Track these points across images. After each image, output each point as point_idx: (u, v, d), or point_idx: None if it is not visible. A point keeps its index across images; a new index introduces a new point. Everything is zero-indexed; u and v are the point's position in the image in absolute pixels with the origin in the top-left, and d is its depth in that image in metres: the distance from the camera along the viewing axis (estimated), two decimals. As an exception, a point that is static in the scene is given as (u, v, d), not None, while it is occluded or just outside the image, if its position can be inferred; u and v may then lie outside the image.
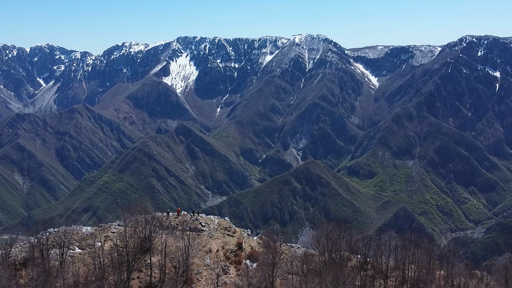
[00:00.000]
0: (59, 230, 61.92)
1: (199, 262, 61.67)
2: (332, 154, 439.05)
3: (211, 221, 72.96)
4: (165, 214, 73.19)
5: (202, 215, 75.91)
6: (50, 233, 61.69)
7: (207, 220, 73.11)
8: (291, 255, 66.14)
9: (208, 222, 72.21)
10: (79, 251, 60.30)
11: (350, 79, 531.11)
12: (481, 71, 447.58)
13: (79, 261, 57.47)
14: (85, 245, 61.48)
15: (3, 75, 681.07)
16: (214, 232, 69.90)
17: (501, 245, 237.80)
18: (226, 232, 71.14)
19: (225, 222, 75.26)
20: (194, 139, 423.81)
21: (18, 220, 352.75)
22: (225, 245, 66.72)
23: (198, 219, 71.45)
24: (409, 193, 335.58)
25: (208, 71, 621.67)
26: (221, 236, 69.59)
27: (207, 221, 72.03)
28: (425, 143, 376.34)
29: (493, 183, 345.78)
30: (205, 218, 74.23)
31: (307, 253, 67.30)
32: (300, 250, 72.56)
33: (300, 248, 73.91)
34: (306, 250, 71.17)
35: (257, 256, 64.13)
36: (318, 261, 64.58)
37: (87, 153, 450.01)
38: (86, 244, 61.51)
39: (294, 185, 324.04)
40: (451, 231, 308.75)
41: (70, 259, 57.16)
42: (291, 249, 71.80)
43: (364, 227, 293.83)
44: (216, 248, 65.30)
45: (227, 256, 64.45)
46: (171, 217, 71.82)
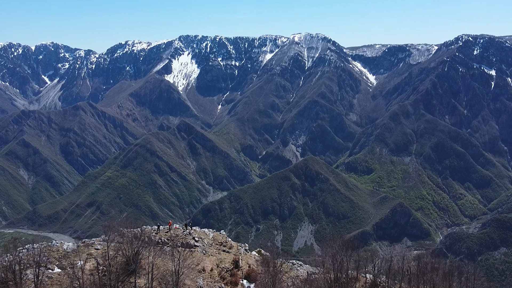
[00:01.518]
0: (37, 247, 53.98)
1: (191, 283, 54.91)
2: (331, 150, 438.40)
3: (205, 236, 66.25)
4: (155, 227, 66.51)
5: (196, 229, 68.99)
6: (28, 250, 54.50)
7: (201, 234, 66.35)
8: (293, 275, 61.16)
9: (202, 236, 65.34)
10: (58, 271, 51.88)
11: (349, 77, 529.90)
12: (477, 69, 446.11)
13: (57, 283, 49.96)
14: (66, 264, 52.73)
15: (8, 73, 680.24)
16: (209, 248, 63.16)
17: (496, 240, 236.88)
18: (222, 247, 64.61)
19: (220, 236, 68.51)
20: (195, 135, 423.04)
21: (23, 215, 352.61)
22: (220, 263, 60.00)
23: (191, 233, 64.99)
24: (406, 189, 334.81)
25: (209, 69, 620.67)
26: (216, 252, 62.85)
27: (201, 236, 65.25)
28: (422, 140, 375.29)
29: (488, 179, 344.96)
30: (198, 232, 67.46)
31: (310, 272, 62.25)
32: (302, 268, 66.00)
33: (302, 266, 67.31)
34: (308, 269, 65.34)
35: (255, 276, 57.86)
36: (323, 281, 58.27)
37: (91, 149, 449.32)
38: (67, 263, 52.87)
39: (294, 181, 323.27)
40: (447, 226, 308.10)
41: (47, 280, 49.52)
42: (292, 267, 65.28)
43: (361, 222, 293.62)
44: (210, 266, 58.51)
45: (222, 276, 57.75)
46: (161, 231, 65.30)
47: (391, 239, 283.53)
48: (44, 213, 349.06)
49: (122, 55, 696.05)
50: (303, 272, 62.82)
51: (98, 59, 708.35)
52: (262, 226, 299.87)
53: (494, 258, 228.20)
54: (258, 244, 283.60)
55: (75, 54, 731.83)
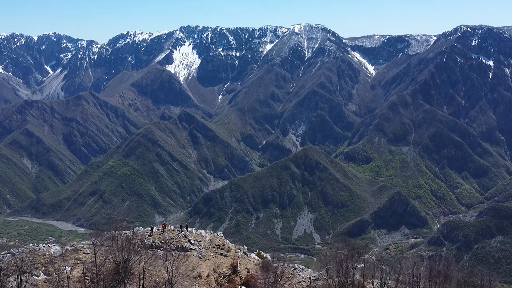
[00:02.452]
0: (22, 252, 49.74)
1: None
2: (330, 140, 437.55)
3: (201, 238, 61.18)
4: (149, 229, 61.72)
5: (192, 230, 64.16)
6: (12, 254, 49.91)
7: (197, 236, 61.35)
8: (295, 281, 56.93)
9: (198, 238, 60.32)
10: (44, 278, 46.68)
11: (348, 68, 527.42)
12: (475, 60, 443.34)
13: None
14: (52, 270, 47.57)
15: (11, 63, 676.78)
16: (205, 251, 58.12)
17: (492, 228, 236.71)
18: (219, 250, 59.54)
19: (218, 238, 63.24)
20: (196, 125, 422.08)
21: (27, 203, 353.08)
22: (217, 267, 55.49)
23: (187, 235, 60.26)
24: (404, 178, 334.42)
25: (210, 60, 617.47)
26: (213, 256, 57.95)
27: (197, 238, 60.30)
28: (420, 130, 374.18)
29: (485, 169, 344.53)
30: (194, 234, 62.52)
31: (313, 278, 58.78)
32: (304, 273, 61.15)
33: (303, 270, 62.28)
34: (311, 274, 61.19)
35: (255, 282, 53.40)
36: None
37: (93, 138, 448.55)
38: (54, 269, 47.66)
39: (293, 170, 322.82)
40: (444, 215, 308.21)
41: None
42: (293, 272, 60.31)
43: (360, 211, 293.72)
44: (206, 272, 53.87)
45: (219, 283, 53.47)
46: (155, 233, 60.49)
47: (389, 227, 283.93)
48: (47, 201, 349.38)
49: (124, 45, 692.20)
50: (305, 278, 59.07)
51: (100, 49, 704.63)
52: (262, 214, 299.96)
53: (490, 246, 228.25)
54: (259, 232, 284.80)
55: (77, 45, 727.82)
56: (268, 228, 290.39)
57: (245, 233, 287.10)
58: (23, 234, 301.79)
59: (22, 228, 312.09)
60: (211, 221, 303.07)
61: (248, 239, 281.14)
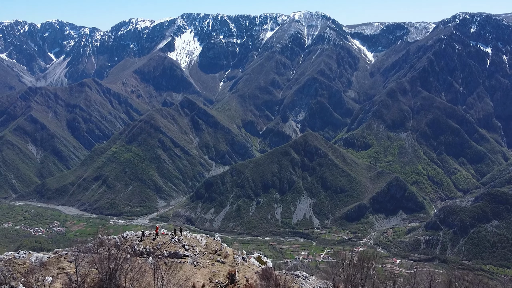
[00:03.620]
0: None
1: None
2: (329, 126, 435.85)
3: (197, 243, 55.41)
4: (140, 233, 55.39)
5: (186, 234, 58.14)
6: None
7: (192, 241, 55.70)
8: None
9: (193, 244, 54.58)
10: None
11: (347, 55, 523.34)
12: (473, 47, 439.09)
13: None
14: (33, 280, 42.32)
15: (15, 50, 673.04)
16: (201, 257, 52.31)
17: (488, 213, 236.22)
18: (216, 256, 53.62)
19: (214, 243, 57.22)
20: (198, 111, 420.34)
21: (32, 188, 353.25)
22: (213, 276, 49.67)
23: (181, 240, 54.49)
24: (401, 164, 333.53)
25: (211, 47, 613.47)
26: (209, 263, 52.15)
27: (192, 243, 54.63)
28: (418, 117, 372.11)
29: (481, 155, 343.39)
30: (189, 238, 56.66)
31: None
32: (308, 282, 55.39)
33: (307, 279, 56.38)
34: (315, 283, 55.04)
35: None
36: None
37: (97, 125, 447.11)
38: (34, 279, 42.28)
39: (293, 156, 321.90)
40: (441, 200, 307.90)
41: None
42: (296, 281, 54.86)
43: (359, 196, 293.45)
44: (201, 282, 48.16)
45: None
46: (147, 238, 54.13)
47: (387, 212, 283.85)
48: (52, 186, 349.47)
49: (126, 32, 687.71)
50: (309, 287, 53.68)
51: (102, 36, 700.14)
52: (262, 199, 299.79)
53: (486, 230, 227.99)
54: (259, 217, 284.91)
55: (80, 32, 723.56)
56: (268, 212, 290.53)
57: (246, 218, 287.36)
58: (29, 218, 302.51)
59: (28, 213, 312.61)
60: (212, 206, 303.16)
61: (249, 223, 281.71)
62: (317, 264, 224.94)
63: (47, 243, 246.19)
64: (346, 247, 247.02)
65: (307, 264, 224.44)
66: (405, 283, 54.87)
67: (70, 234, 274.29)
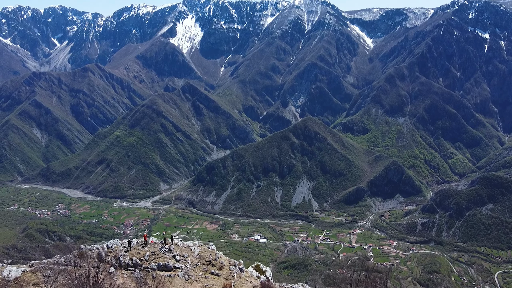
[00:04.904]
0: None
1: None
2: (328, 111, 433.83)
3: (189, 252, 47.96)
4: (126, 242, 48.40)
5: (178, 243, 50.43)
6: None
7: (184, 250, 48.26)
8: None
9: (185, 253, 47.31)
10: None
11: (347, 40, 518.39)
12: (471, 33, 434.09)
13: None
14: None
15: (19, 35, 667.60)
16: (193, 269, 45.41)
17: (483, 196, 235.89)
18: (210, 268, 46.39)
19: (208, 253, 49.21)
20: (199, 96, 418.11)
21: (37, 171, 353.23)
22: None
23: (172, 249, 47.27)
24: (399, 148, 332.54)
25: (213, 32, 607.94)
26: (202, 276, 45.35)
27: (183, 252, 47.35)
28: (416, 102, 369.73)
29: (478, 139, 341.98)
30: (181, 247, 49.07)
31: None
32: None
33: None
34: None
35: None
36: None
37: (100, 109, 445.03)
38: None
39: (293, 140, 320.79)
40: (437, 183, 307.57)
41: None
42: None
43: (357, 180, 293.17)
44: None
45: None
46: (134, 248, 47.11)
47: (385, 195, 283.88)
48: (57, 169, 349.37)
49: (128, 18, 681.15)
50: None
51: (105, 22, 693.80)
52: (262, 182, 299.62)
53: (481, 213, 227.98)
54: (259, 200, 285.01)
55: (83, 17, 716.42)
56: (268, 195, 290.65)
57: (247, 201, 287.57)
58: (34, 201, 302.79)
59: (33, 195, 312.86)
60: (213, 189, 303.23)
61: (249, 206, 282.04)
62: (315, 246, 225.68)
63: (53, 225, 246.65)
64: (344, 230, 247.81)
65: (306, 246, 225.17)
66: None
67: (75, 216, 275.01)
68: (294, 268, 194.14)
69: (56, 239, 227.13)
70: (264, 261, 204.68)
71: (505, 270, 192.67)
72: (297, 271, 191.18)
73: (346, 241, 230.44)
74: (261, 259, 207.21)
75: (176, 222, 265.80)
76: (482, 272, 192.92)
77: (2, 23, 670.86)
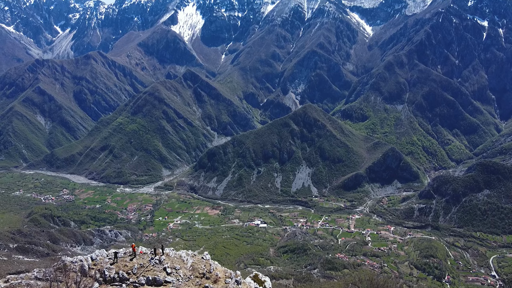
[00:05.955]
0: None
1: None
2: (328, 98, 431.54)
3: (181, 264, 42.71)
4: (112, 253, 43.75)
5: (169, 253, 44.93)
6: None
7: (175, 261, 43.09)
8: None
9: (177, 265, 42.14)
10: None
11: (346, 28, 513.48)
12: (470, 20, 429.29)
13: None
14: None
15: (22, 23, 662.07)
16: (185, 283, 40.21)
17: (480, 183, 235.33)
18: (204, 281, 40.96)
19: (202, 264, 43.62)
20: (200, 84, 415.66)
21: (42, 157, 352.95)
22: None
23: (162, 261, 42.45)
24: (397, 135, 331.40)
25: (214, 20, 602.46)
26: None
27: (175, 264, 42.30)
28: (414, 89, 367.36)
29: (475, 126, 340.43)
30: (172, 258, 43.83)
31: None
32: None
33: None
34: None
35: None
36: None
37: (103, 96, 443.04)
38: None
39: (293, 127, 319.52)
40: (434, 170, 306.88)
41: None
42: None
43: (355, 166, 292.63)
44: None
45: None
46: (121, 260, 42.38)
47: (383, 181, 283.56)
48: (61, 156, 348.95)
49: (130, 6, 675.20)
50: None
51: (107, 9, 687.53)
52: (263, 169, 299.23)
53: (478, 199, 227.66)
54: (260, 185, 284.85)
55: (85, 5, 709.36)
56: (268, 181, 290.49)
57: (247, 186, 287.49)
58: (39, 186, 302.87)
59: (38, 181, 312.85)
60: (215, 175, 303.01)
61: (250, 191, 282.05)
62: (315, 231, 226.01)
63: (57, 210, 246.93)
64: (343, 215, 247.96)
65: (306, 231, 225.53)
66: None
67: (79, 201, 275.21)
68: (294, 253, 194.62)
69: (61, 224, 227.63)
70: (264, 245, 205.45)
71: (500, 255, 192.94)
72: (296, 256, 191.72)
73: (344, 226, 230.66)
74: (261, 243, 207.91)
75: (178, 208, 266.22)
76: (477, 257, 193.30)
77: (5, 11, 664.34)
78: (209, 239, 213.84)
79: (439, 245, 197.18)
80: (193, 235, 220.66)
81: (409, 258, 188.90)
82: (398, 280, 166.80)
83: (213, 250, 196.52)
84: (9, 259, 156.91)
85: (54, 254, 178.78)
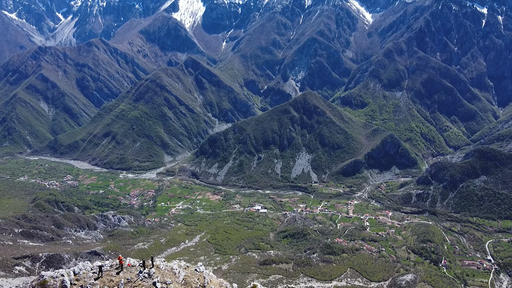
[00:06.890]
0: None
1: None
2: (328, 85, 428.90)
3: (173, 277, 37.87)
4: (97, 266, 39.80)
5: (160, 265, 40.35)
6: None
7: (166, 274, 38.30)
8: None
9: (168, 279, 37.34)
10: None
11: (346, 15, 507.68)
12: (469, 7, 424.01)
13: None
14: None
15: (24, 10, 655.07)
16: None
17: (477, 169, 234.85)
18: None
19: (196, 277, 38.91)
20: (202, 71, 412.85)
21: (45, 144, 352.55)
22: None
23: (152, 274, 37.89)
24: (396, 122, 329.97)
25: (214, 7, 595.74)
26: None
27: (166, 278, 37.55)
28: (413, 76, 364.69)
29: (473, 113, 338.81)
30: (163, 270, 39.01)
31: None
32: None
33: None
34: None
35: None
36: None
37: (105, 83, 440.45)
38: None
39: (293, 114, 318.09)
40: (432, 156, 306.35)
41: None
42: None
43: (355, 152, 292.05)
44: None
45: None
46: (106, 274, 38.32)
47: (381, 168, 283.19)
48: (64, 142, 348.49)
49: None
50: None
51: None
52: (263, 155, 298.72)
53: (475, 185, 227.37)
54: (260, 171, 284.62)
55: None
56: (269, 167, 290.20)
57: (248, 172, 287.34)
58: (43, 172, 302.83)
59: (42, 167, 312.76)
60: (216, 161, 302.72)
61: (250, 177, 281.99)
62: (314, 216, 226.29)
63: (61, 196, 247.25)
64: (342, 200, 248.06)
65: (305, 216, 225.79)
66: None
67: (83, 187, 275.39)
68: (293, 237, 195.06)
69: (65, 209, 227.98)
70: (265, 230, 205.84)
71: (496, 239, 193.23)
72: (296, 240, 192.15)
73: (343, 211, 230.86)
74: (262, 228, 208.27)
75: (180, 193, 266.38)
76: (474, 241, 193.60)
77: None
78: (210, 224, 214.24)
79: (436, 230, 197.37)
80: (195, 220, 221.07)
81: (406, 242, 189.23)
82: (395, 264, 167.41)
83: (214, 234, 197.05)
84: (15, 243, 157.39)
85: (58, 239, 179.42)
